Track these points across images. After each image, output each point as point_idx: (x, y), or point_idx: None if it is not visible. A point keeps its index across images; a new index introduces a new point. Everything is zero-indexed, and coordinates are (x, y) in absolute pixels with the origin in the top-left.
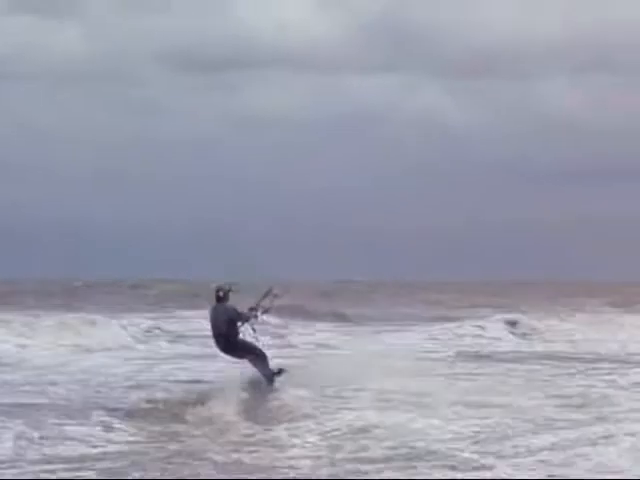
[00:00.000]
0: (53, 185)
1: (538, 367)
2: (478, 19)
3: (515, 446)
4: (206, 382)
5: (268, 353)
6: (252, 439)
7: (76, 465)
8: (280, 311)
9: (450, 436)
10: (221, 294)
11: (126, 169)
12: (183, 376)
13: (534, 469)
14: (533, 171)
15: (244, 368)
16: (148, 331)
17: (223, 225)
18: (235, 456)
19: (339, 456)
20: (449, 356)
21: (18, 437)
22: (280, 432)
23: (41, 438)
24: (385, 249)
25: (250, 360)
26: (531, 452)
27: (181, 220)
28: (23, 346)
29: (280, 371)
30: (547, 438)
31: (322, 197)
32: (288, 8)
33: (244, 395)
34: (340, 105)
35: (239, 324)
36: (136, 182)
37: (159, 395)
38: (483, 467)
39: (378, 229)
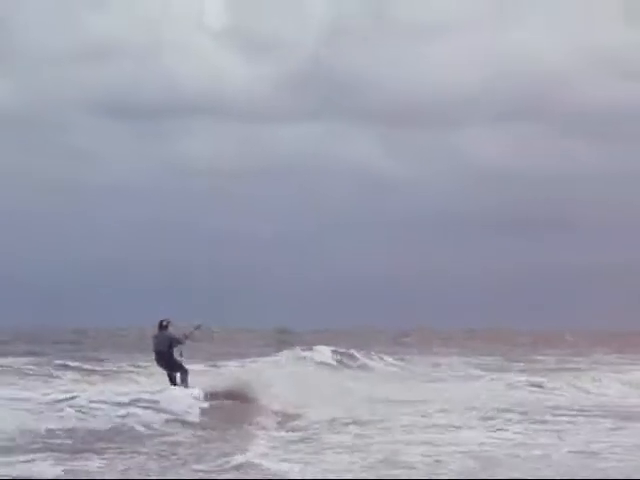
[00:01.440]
0: None
1: None
2: (405, 68)
3: None
4: None
5: (189, 369)
6: None
7: None
8: None
9: None
10: (164, 324)
11: (54, 213)
12: None
13: None
14: (462, 220)
15: None
16: None
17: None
18: None
19: None
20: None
21: None
22: None
23: None
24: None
25: (179, 373)
26: None
27: (111, 264)
28: None
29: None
30: None
31: (248, 245)
32: (218, 56)
33: None
34: (269, 154)
35: (174, 348)
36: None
37: None
38: None
39: (293, 280)
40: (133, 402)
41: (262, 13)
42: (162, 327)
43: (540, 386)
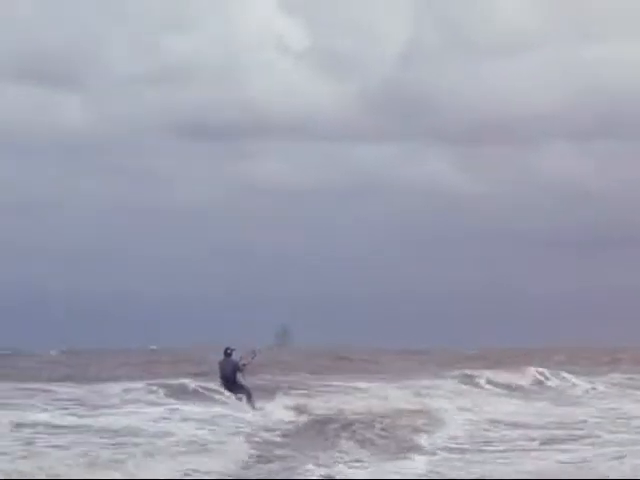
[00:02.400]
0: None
1: None
2: (481, 86)
3: None
4: None
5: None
6: None
7: None
8: None
9: None
10: (228, 351)
11: (133, 239)
12: None
13: None
14: (538, 239)
15: None
16: None
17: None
18: None
19: None
20: None
21: None
22: None
23: None
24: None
25: (243, 394)
26: None
27: (209, 288)
28: None
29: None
30: None
31: (326, 265)
32: (297, 77)
33: None
34: (347, 173)
35: (238, 372)
36: (146, 253)
37: None
38: None
39: (378, 297)
40: None
41: (341, 34)
42: (227, 354)
43: None
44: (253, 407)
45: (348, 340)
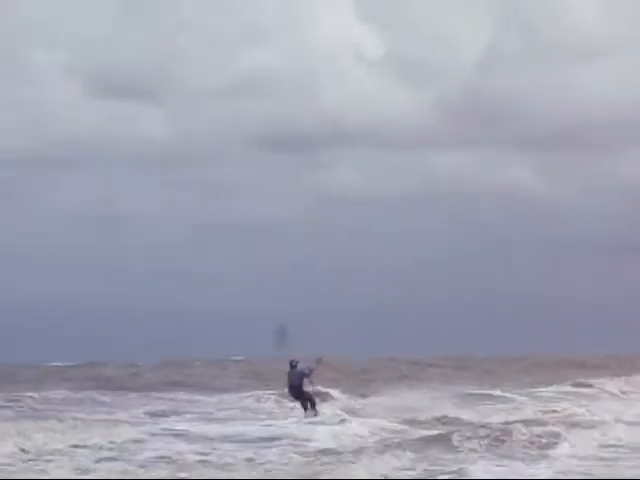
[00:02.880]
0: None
1: None
2: (561, 92)
3: None
4: None
5: (317, 400)
6: None
7: None
8: None
9: None
10: (293, 364)
11: (213, 252)
12: None
13: None
14: (622, 246)
15: None
16: None
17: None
18: None
19: None
20: None
21: None
22: None
23: None
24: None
25: (309, 403)
26: None
27: (288, 301)
28: None
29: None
30: None
31: (406, 273)
32: (374, 86)
33: None
34: (425, 181)
35: (305, 379)
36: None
37: None
38: None
39: (460, 304)
40: None
41: (417, 41)
42: (293, 366)
43: None
44: (316, 414)
45: (438, 348)
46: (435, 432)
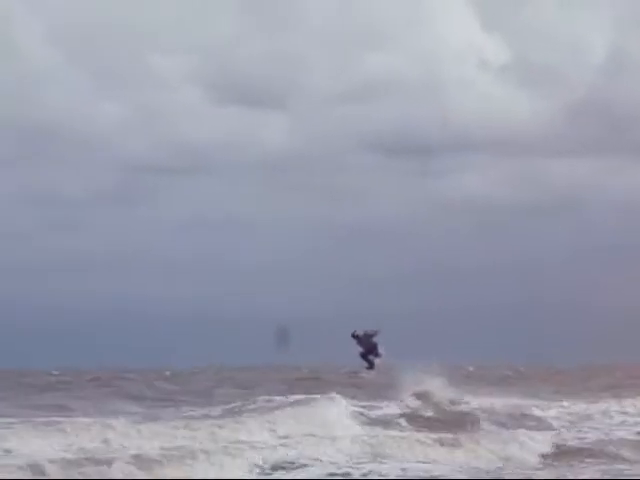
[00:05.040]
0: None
1: None
2: None
3: None
4: None
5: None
6: None
7: None
8: None
9: None
10: (370, 332)
11: (327, 255)
12: None
13: None
14: None
15: None
16: None
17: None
18: None
19: None
20: None
21: None
22: None
23: None
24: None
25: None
26: None
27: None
28: None
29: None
30: None
31: (526, 278)
32: (496, 92)
33: None
34: (545, 189)
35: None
36: (347, 269)
37: None
38: None
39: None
40: None
41: (542, 47)
42: (367, 335)
43: None
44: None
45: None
46: None
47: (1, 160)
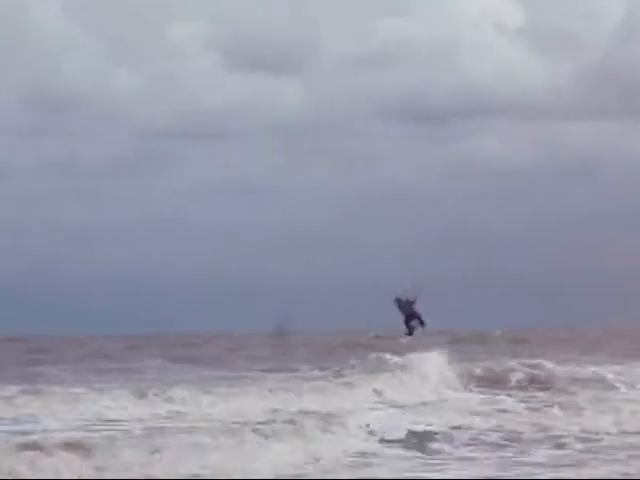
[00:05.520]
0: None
1: None
2: None
3: None
4: None
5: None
6: None
7: None
8: None
9: None
10: (411, 299)
11: (345, 221)
12: None
13: None
14: None
15: None
16: None
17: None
18: None
19: None
20: None
21: None
22: None
23: None
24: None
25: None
26: None
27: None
28: None
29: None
30: None
31: (545, 245)
32: (513, 56)
33: None
34: (561, 152)
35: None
36: (359, 235)
37: None
38: None
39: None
40: None
41: (557, 11)
42: (407, 302)
43: None
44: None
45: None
46: None
47: (20, 130)
